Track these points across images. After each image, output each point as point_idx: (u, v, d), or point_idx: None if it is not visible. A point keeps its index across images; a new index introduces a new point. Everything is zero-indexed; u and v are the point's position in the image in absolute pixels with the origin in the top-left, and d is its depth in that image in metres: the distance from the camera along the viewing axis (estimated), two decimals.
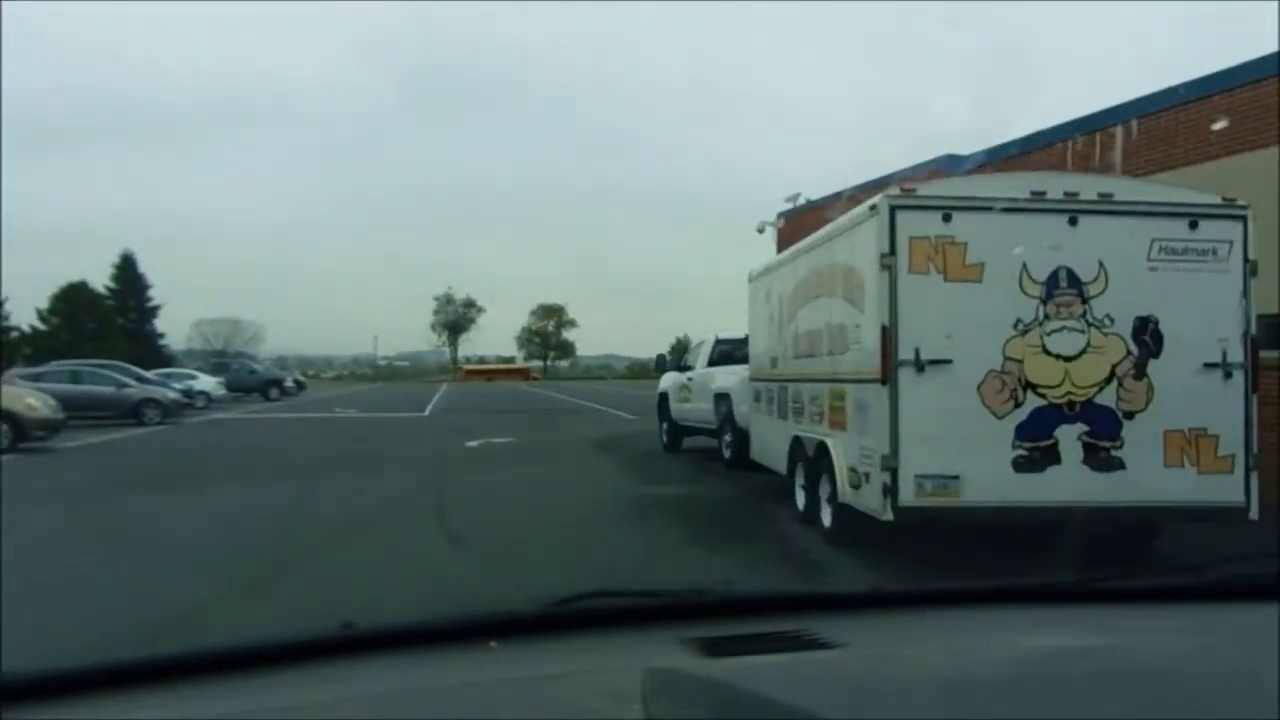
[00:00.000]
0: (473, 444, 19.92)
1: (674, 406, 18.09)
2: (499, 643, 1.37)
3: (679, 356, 19.03)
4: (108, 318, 66.46)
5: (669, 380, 18.36)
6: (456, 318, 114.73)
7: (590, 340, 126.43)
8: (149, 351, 66.30)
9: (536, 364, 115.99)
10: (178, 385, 32.84)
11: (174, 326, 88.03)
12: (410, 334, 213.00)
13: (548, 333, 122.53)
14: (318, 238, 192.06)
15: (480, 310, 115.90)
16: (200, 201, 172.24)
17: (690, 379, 17.07)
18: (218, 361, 49.50)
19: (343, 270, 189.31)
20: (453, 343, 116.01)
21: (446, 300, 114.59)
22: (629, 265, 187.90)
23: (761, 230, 24.01)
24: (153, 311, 77.26)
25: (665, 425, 18.61)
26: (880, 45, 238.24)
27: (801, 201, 23.73)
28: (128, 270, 75.64)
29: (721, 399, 15.25)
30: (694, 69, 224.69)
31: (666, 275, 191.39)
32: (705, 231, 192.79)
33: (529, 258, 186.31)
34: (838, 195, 23.50)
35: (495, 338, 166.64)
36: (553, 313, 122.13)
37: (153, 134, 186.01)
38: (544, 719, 1.10)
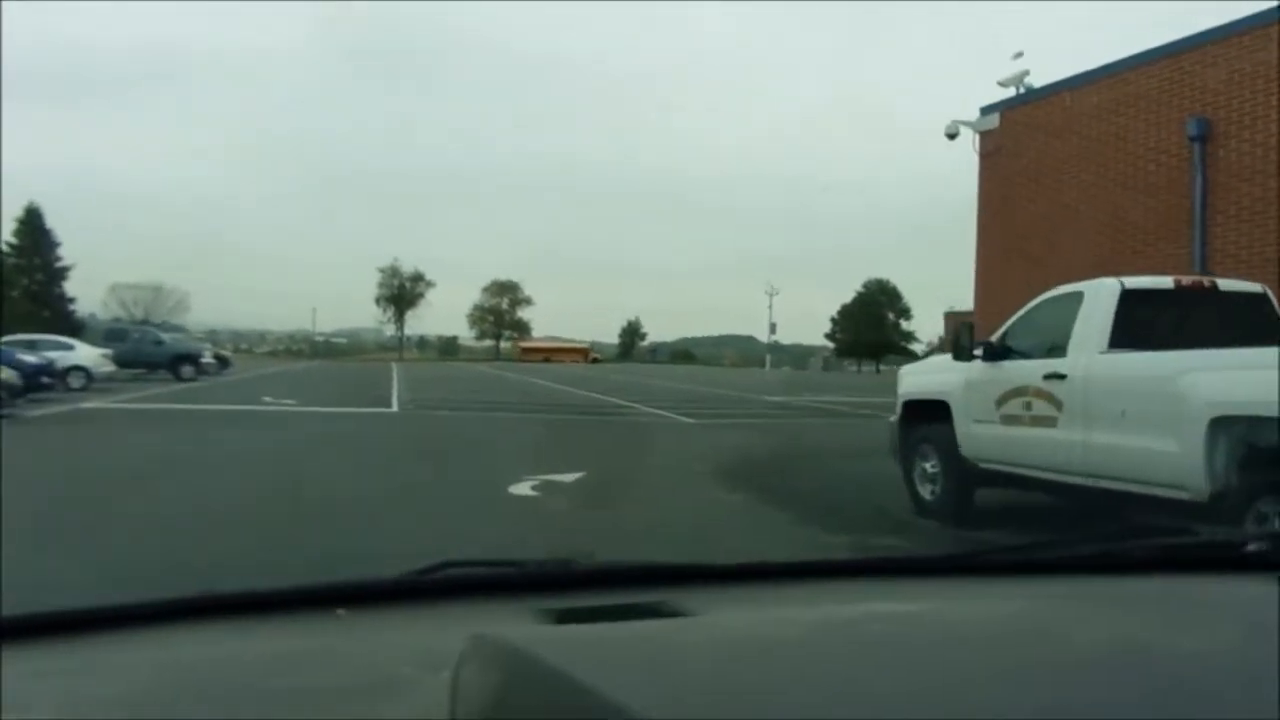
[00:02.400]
0: (523, 489, 9.85)
1: (978, 434, 8.37)
2: (351, 611, 1.29)
3: (968, 334, 8.94)
4: (8, 277, 57.82)
5: (962, 378, 8.59)
6: (403, 291, 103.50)
7: (541, 320, 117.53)
8: (56, 317, 58.44)
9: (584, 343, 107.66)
10: (35, 357, 22.23)
11: (93, 291, 79.41)
12: (349, 310, 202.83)
13: (501, 311, 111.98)
14: (256, 208, 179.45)
15: (429, 284, 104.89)
16: (132, 165, 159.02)
17: (1075, 376, 7.31)
18: (112, 328, 38.34)
19: (281, 242, 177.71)
20: (399, 319, 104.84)
21: (392, 273, 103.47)
22: (581, 243, 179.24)
23: (954, 135, 15.00)
24: (61, 273, 68.20)
25: (932, 466, 8.86)
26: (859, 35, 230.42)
27: (1016, 91, 14.59)
28: (33, 225, 66.32)
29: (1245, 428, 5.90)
30: (657, 45, 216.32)
31: (619, 254, 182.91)
32: (662, 211, 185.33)
33: (479, 235, 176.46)
34: (1074, 81, 14.89)
35: (445, 316, 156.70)
36: (506, 289, 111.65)
37: (81, 92, 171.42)
38: (344, 685, 1.03)
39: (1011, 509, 8.73)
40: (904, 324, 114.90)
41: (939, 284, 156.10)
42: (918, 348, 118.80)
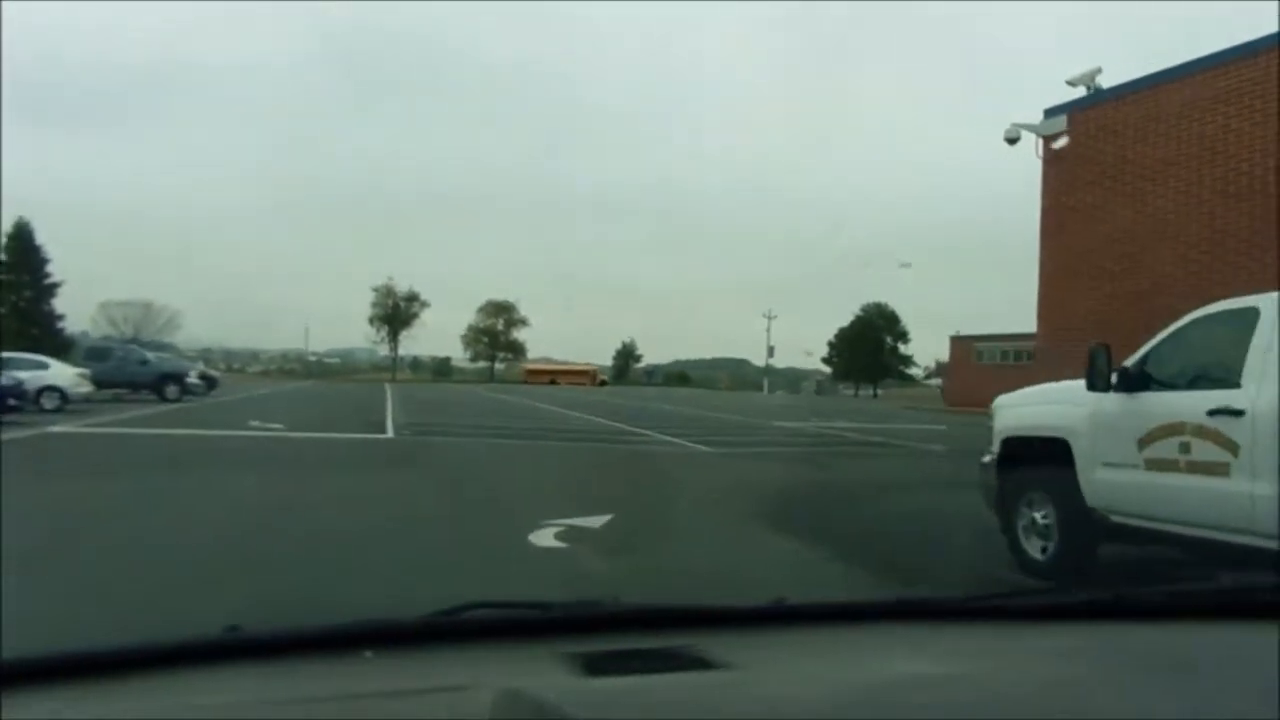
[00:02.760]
0: (546, 538, 8.22)
1: (1112, 481, 6.83)
2: (376, 652, 1.28)
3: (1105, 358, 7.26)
4: None
5: (1087, 411, 7.00)
6: (397, 311, 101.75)
7: (536, 342, 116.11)
8: (45, 335, 57.29)
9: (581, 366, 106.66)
10: (6, 377, 20.64)
11: (83, 309, 78.13)
12: (343, 329, 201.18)
13: (496, 332, 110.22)
14: (250, 225, 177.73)
15: (424, 304, 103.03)
16: (125, 181, 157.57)
17: (1256, 411, 5.76)
18: (94, 346, 36.60)
19: (276, 260, 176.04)
20: (392, 339, 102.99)
21: (386, 292, 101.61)
22: (578, 265, 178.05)
23: (1014, 140, 13.57)
24: (50, 289, 67.02)
25: (1043, 517, 7.29)
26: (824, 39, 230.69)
27: (1086, 91, 13.20)
28: (22, 241, 65.13)
29: None
30: (654, 65, 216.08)
31: (615, 276, 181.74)
32: (658, 232, 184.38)
33: (475, 255, 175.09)
34: (1157, 78, 13.52)
35: (440, 336, 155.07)
36: (502, 310, 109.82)
37: (76, 107, 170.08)
38: None
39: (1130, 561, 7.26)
40: (902, 348, 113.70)
41: (940, 308, 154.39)
42: (915, 372, 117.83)
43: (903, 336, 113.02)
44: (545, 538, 8.16)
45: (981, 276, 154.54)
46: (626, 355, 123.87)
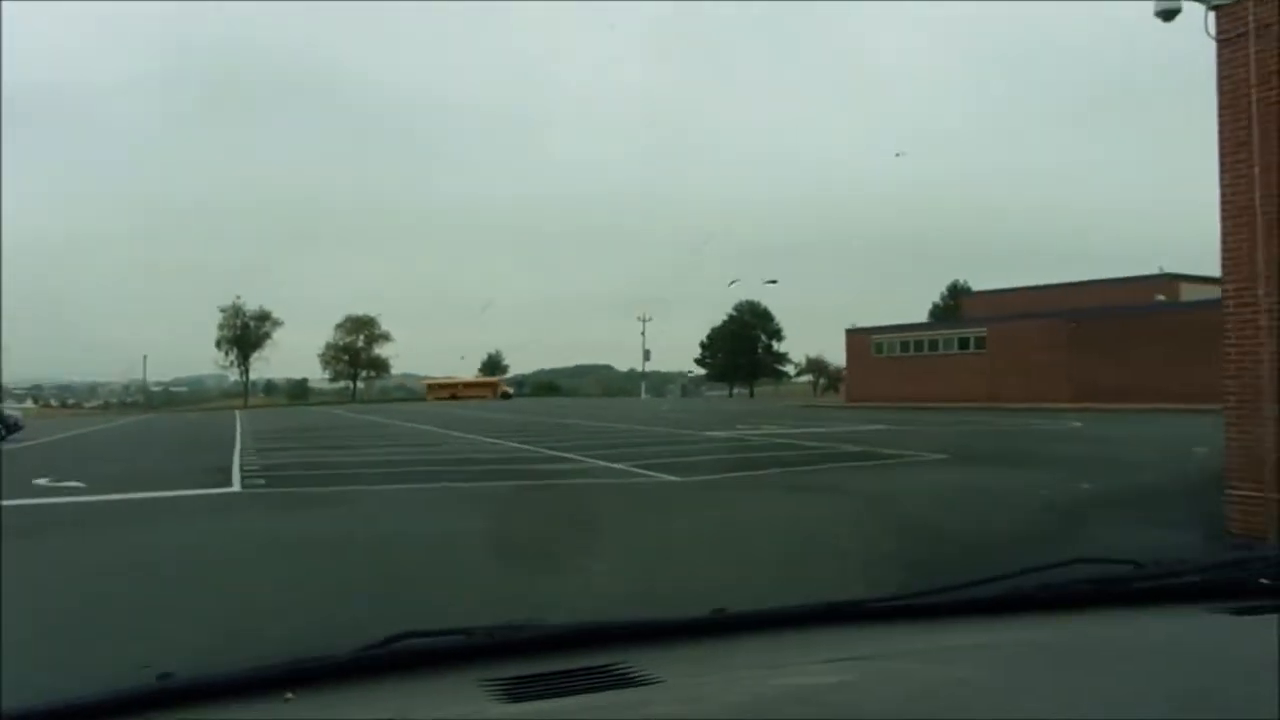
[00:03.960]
0: None
1: None
2: (302, 692, 1.26)
3: None
4: None
5: None
6: (246, 332, 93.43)
7: (400, 358, 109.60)
8: None
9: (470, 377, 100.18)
10: None
11: None
12: (191, 356, 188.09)
13: (356, 349, 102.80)
14: (86, 252, 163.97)
15: (276, 323, 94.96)
16: None
17: None
18: None
19: (114, 287, 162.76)
20: (243, 362, 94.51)
21: (235, 312, 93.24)
22: (439, 280, 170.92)
23: (1171, 14, 9.07)
24: None
25: None
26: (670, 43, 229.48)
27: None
28: None
29: None
30: (512, 77, 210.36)
31: (478, 289, 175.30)
32: (519, 244, 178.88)
33: (333, 274, 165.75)
34: None
35: (297, 358, 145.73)
36: (363, 325, 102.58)
37: None
38: None
39: None
40: (776, 346, 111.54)
41: (813, 304, 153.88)
42: (790, 369, 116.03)
43: (777, 334, 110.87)
44: None
45: (853, 273, 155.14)
46: (493, 367, 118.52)
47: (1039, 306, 49.20)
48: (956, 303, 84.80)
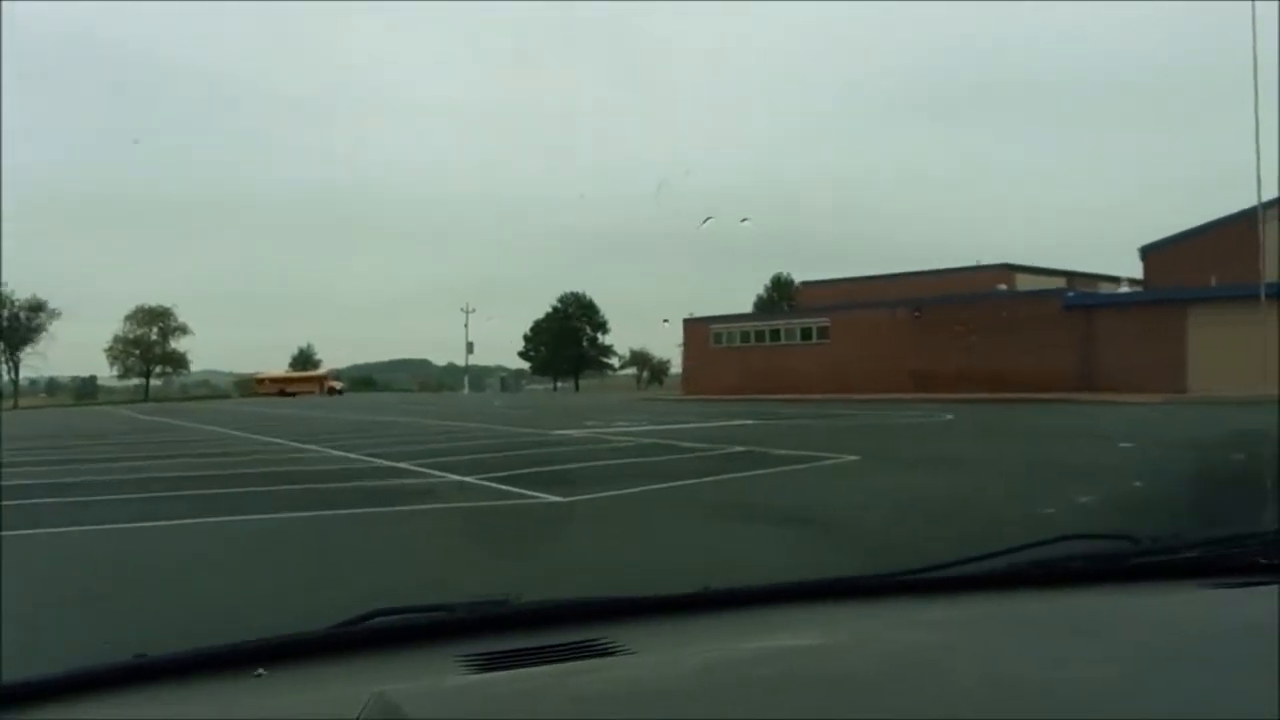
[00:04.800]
0: None
1: None
2: (271, 669, 1.23)
3: None
4: None
5: None
6: (15, 324, 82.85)
7: (202, 353, 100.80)
8: None
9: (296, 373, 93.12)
10: None
11: None
12: None
13: (149, 343, 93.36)
14: None
15: (53, 315, 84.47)
16: None
17: None
18: None
19: None
20: (9, 358, 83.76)
21: (0, 302, 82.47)
22: (247, 272, 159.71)
23: None
24: None
25: None
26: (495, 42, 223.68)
27: None
28: None
29: None
30: (328, 63, 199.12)
31: (289, 282, 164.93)
32: (332, 236, 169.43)
33: (125, 264, 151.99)
34: None
35: (79, 353, 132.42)
36: (156, 317, 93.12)
37: None
38: None
39: None
40: (602, 338, 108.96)
41: (637, 297, 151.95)
42: (615, 362, 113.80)
43: (602, 327, 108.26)
44: None
45: (678, 266, 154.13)
46: (304, 362, 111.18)
47: (881, 296, 48.07)
48: (781, 295, 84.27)
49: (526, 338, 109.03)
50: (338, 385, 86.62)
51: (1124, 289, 41.83)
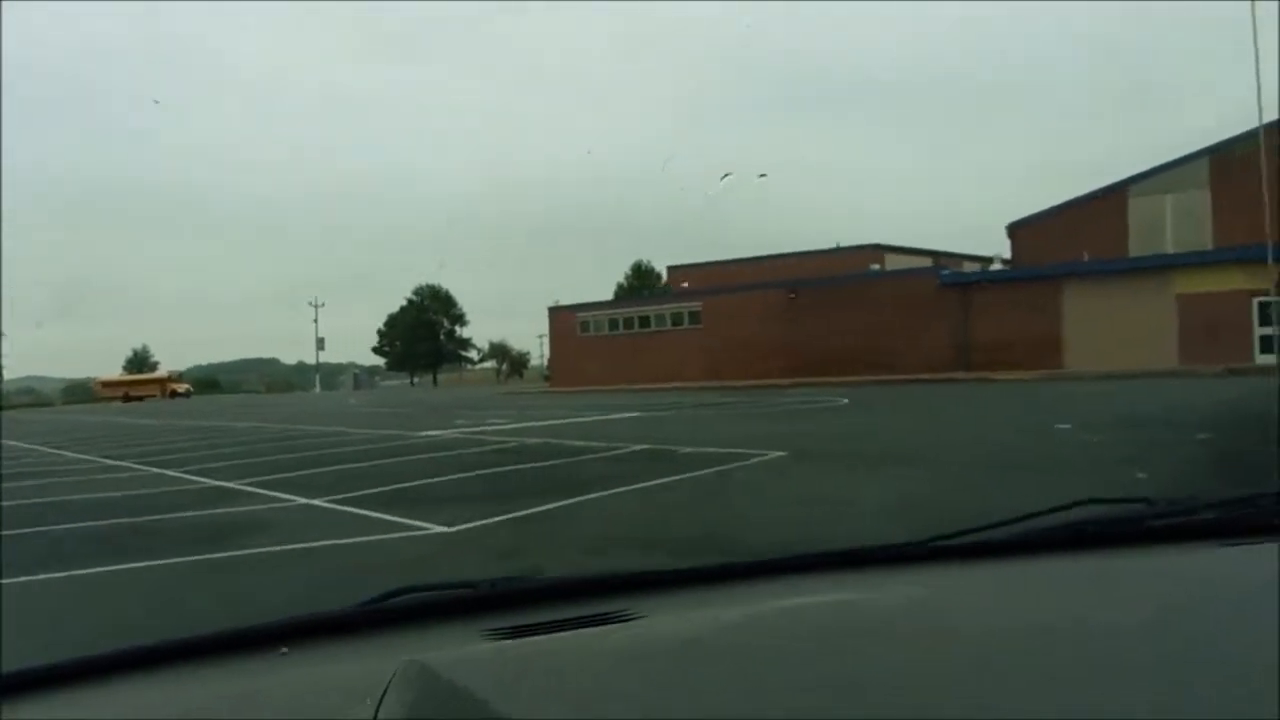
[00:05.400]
0: None
1: None
2: (294, 648, 1.22)
3: None
4: None
5: None
6: None
7: (17, 358, 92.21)
8: None
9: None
10: None
11: None
12: None
13: None
14: None
15: None
16: None
17: None
18: None
19: None
20: None
21: None
22: (57, 271, 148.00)
23: None
24: None
25: None
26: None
27: None
28: None
29: None
30: (166, 47, 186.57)
31: (122, 281, 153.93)
32: (171, 233, 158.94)
33: None
34: None
35: None
36: None
37: None
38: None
39: None
40: (460, 331, 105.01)
41: (496, 289, 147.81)
42: (474, 355, 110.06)
43: (460, 319, 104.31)
44: None
45: (537, 257, 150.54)
46: (139, 364, 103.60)
47: (752, 279, 46.51)
48: (642, 283, 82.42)
49: (381, 332, 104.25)
50: (181, 388, 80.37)
51: (996, 267, 41.36)
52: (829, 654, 1.04)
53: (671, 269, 58.57)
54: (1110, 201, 38.83)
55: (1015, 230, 41.76)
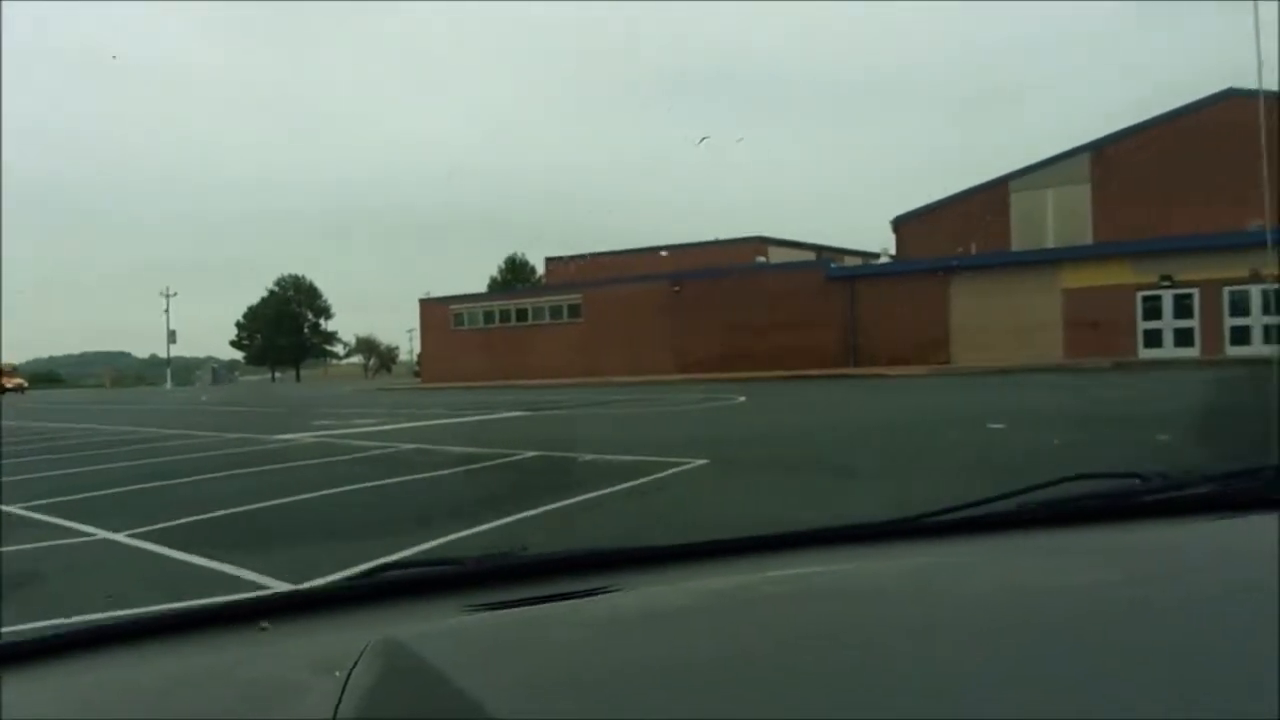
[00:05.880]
0: None
1: None
2: (274, 623, 1.20)
3: None
4: None
5: None
6: None
7: None
8: None
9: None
10: None
11: None
12: None
13: None
14: None
15: None
16: None
17: None
18: None
19: None
20: None
21: None
22: None
23: None
24: None
25: None
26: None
27: None
28: None
29: None
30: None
31: None
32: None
33: None
34: None
35: None
36: None
37: None
38: (244, 699, 0.99)
39: None
40: (325, 324, 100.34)
41: (370, 281, 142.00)
42: (340, 349, 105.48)
43: (325, 312, 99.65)
44: None
45: (409, 249, 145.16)
46: None
47: (634, 272, 44.77)
48: (516, 277, 80.00)
49: (240, 325, 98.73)
50: (13, 383, 73.72)
51: (884, 261, 40.68)
52: (816, 623, 1.02)
53: (550, 260, 56.34)
54: (992, 196, 38.57)
55: (900, 225, 41.18)
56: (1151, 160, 35.06)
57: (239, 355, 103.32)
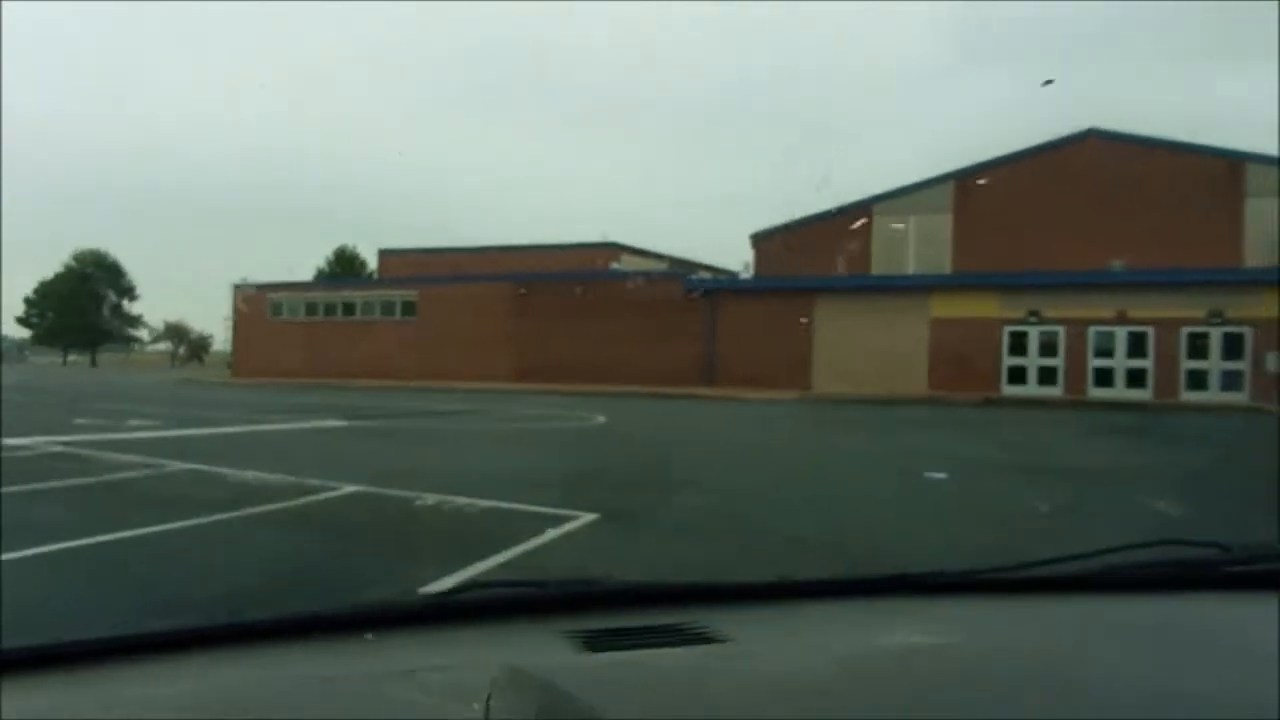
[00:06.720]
0: None
1: None
2: (376, 635, 1.21)
3: None
4: None
5: None
6: None
7: None
8: None
9: None
10: None
11: None
12: None
13: None
14: None
15: None
16: None
17: None
18: None
19: None
20: None
21: None
22: None
23: None
24: None
25: None
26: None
27: None
28: None
29: None
30: None
31: None
32: None
33: None
34: None
35: None
36: None
37: None
38: (378, 718, 1.00)
39: None
40: (128, 306, 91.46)
41: (183, 264, 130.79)
42: (145, 334, 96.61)
43: (129, 293, 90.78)
44: None
45: (228, 233, 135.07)
46: None
47: (479, 271, 41.11)
48: (345, 270, 74.65)
49: (29, 301, 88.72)
50: None
51: (745, 276, 38.47)
52: (920, 695, 1.03)
53: (384, 253, 51.76)
54: (854, 218, 36.98)
55: (759, 241, 39.12)
56: (1013, 194, 34.20)
57: (26, 333, 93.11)
